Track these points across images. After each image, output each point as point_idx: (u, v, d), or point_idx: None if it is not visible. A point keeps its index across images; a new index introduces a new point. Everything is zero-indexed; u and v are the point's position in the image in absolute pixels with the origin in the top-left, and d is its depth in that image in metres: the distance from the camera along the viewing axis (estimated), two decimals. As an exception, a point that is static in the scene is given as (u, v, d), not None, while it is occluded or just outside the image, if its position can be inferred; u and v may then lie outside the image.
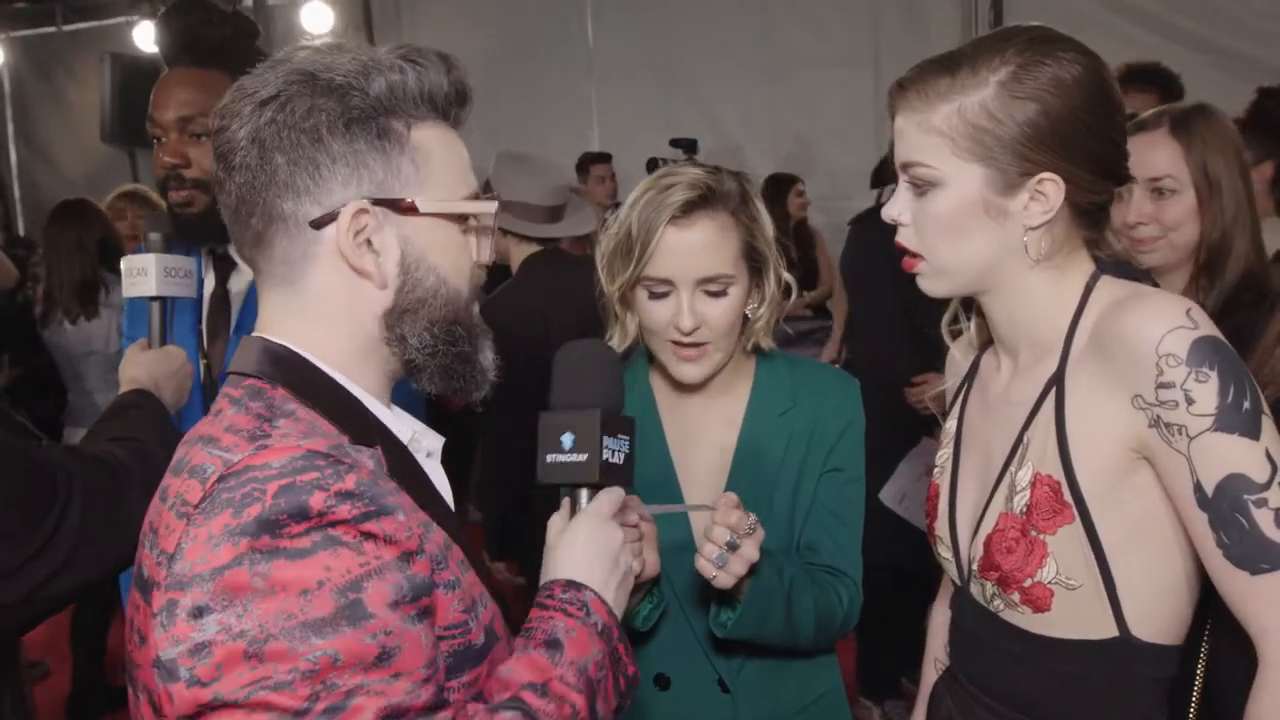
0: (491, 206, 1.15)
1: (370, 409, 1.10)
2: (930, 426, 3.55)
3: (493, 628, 1.09)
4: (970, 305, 1.49)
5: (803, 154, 6.55)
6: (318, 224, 1.05)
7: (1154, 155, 1.97)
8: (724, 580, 1.48)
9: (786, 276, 1.70)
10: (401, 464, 1.08)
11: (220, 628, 0.88)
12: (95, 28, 7.85)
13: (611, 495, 1.25)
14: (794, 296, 1.74)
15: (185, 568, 0.91)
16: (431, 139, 1.10)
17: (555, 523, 1.25)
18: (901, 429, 3.59)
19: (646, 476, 1.67)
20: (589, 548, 1.19)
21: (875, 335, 3.81)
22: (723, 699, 1.67)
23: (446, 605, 1.01)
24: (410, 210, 1.07)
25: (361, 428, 1.06)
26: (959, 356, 1.56)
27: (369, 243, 1.06)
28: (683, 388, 1.72)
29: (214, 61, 1.96)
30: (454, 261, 1.13)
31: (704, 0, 6.62)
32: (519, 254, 3.22)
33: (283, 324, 1.10)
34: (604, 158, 6.32)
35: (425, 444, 1.18)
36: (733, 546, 1.46)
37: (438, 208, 1.09)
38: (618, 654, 1.14)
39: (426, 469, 1.15)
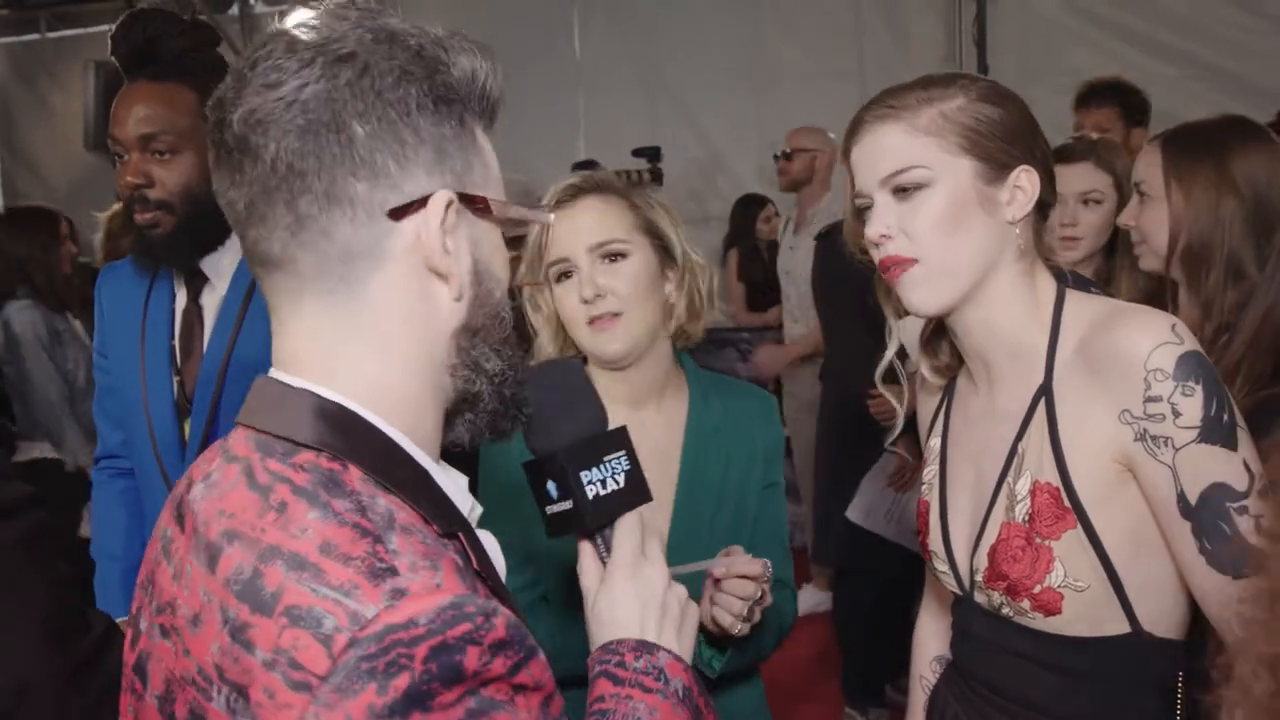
0: (549, 218, 1.06)
1: (437, 479, 0.92)
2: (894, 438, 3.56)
3: None
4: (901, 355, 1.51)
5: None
6: (397, 214, 0.87)
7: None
8: (744, 630, 1.49)
9: (703, 261, 1.72)
10: (478, 550, 0.91)
11: None
12: (80, 35, 7.80)
13: (628, 531, 1.09)
14: (715, 281, 1.75)
15: None
16: (484, 141, 0.96)
17: (588, 571, 1.11)
18: (867, 440, 3.61)
19: None
20: (632, 602, 1.04)
21: (843, 348, 3.84)
22: None
23: None
24: (485, 210, 0.92)
25: (443, 513, 0.89)
26: (926, 388, 1.58)
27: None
28: (616, 400, 1.67)
29: (175, 74, 1.91)
30: (506, 275, 0.98)
31: (690, 11, 6.64)
32: None
33: (323, 350, 0.89)
34: (591, 166, 6.33)
35: (478, 509, 1.01)
36: (759, 600, 1.48)
37: (509, 212, 0.94)
38: (699, 711, 1.01)
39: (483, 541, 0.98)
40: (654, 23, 6.74)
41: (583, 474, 1.09)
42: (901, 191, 1.33)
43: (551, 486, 1.11)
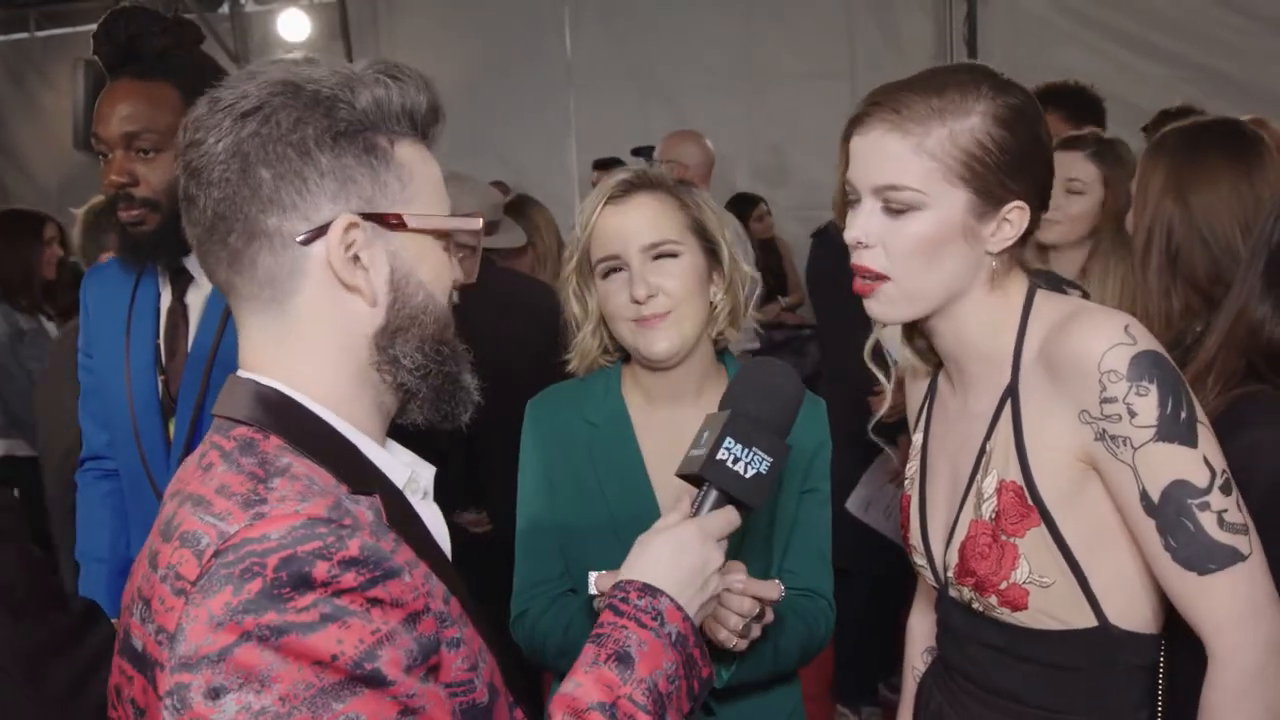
0: (476, 224, 1.14)
1: (365, 452, 1.07)
2: (895, 434, 3.57)
3: (494, 683, 1.07)
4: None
5: (779, 164, 6.58)
6: (306, 240, 1.02)
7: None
8: (742, 646, 1.49)
9: (748, 268, 1.72)
10: (400, 512, 1.05)
11: (240, 707, 0.86)
12: (69, 34, 7.78)
13: (726, 516, 1.22)
14: (758, 288, 1.76)
15: (190, 649, 0.88)
16: (413, 156, 1.08)
17: (667, 518, 1.23)
18: (867, 437, 3.60)
19: (620, 492, 1.68)
20: (680, 559, 1.17)
21: (840, 346, 3.83)
22: None
23: (451, 663, 1.00)
24: (399, 225, 1.05)
25: (359, 475, 1.03)
26: (914, 376, 1.59)
27: (357, 258, 1.03)
28: (657, 398, 1.72)
29: (158, 72, 1.91)
30: (440, 278, 1.10)
31: (682, 12, 6.65)
32: None
33: (269, 356, 1.06)
34: (615, 164, 6.31)
35: (422, 483, 1.15)
36: (758, 617, 1.47)
37: (425, 223, 1.07)
38: (692, 660, 1.13)
39: (422, 513, 1.12)
40: (645, 22, 6.74)
41: (729, 439, 1.18)
42: (889, 207, 1.32)
43: (705, 434, 1.21)
